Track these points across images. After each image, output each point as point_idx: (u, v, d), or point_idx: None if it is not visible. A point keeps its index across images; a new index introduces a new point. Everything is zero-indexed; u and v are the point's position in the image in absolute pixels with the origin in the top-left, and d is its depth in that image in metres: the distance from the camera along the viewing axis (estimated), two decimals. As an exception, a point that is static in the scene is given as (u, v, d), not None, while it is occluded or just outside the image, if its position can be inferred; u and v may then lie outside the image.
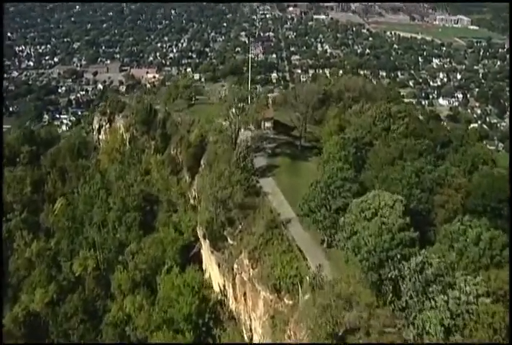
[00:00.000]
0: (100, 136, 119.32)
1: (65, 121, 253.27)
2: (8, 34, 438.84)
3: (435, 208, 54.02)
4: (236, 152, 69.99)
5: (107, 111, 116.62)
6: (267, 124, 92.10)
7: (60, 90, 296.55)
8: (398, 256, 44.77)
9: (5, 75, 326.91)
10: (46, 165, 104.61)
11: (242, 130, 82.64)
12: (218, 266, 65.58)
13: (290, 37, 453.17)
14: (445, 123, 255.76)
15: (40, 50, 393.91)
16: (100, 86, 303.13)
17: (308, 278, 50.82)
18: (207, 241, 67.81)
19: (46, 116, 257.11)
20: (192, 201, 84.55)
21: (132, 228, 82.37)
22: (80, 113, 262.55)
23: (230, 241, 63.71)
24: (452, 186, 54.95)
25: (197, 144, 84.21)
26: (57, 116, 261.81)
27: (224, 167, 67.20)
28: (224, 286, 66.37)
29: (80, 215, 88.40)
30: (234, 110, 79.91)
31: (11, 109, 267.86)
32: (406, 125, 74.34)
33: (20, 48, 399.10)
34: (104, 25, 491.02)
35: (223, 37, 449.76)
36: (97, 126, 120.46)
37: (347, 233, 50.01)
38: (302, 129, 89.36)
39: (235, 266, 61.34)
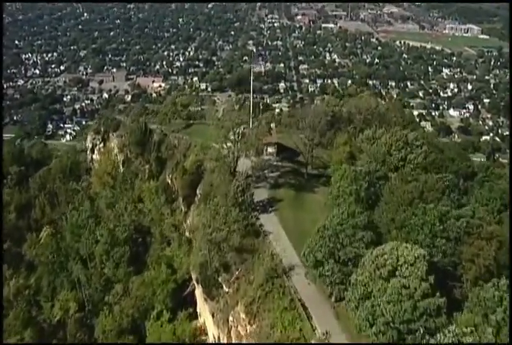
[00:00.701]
0: (94, 156, 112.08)
1: (69, 131, 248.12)
2: (16, 42, 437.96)
3: (463, 261, 46.45)
4: (234, 185, 62.60)
5: (101, 130, 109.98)
6: (270, 150, 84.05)
7: (65, 99, 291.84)
8: (422, 329, 37.21)
9: (10, 84, 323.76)
10: (34, 188, 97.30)
11: (242, 157, 75.46)
12: (212, 316, 58.20)
13: (298, 45, 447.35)
14: (456, 136, 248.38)
15: (47, 58, 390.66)
16: (105, 95, 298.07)
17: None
18: (200, 286, 60.50)
19: (50, 126, 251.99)
20: (187, 233, 77.04)
21: (121, 265, 74.65)
22: (84, 122, 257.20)
23: (225, 289, 56.36)
24: (482, 235, 47.31)
25: (193, 171, 77.03)
26: (62, 125, 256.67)
27: (220, 204, 59.70)
28: (219, 337, 59.00)
29: (65, 247, 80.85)
30: (232, 135, 72.79)
31: (15, 118, 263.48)
32: (425, 155, 66.67)
33: (27, 56, 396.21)
34: (111, 33, 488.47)
35: (230, 46, 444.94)
36: (90, 146, 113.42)
37: (359, 294, 42.57)
38: (308, 155, 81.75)
39: (230, 318, 54.03)
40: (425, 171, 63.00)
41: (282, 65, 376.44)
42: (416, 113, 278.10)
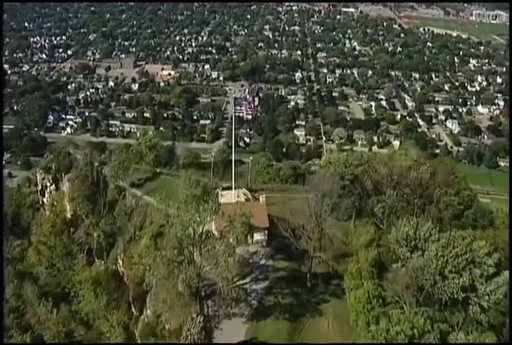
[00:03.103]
0: (44, 199, 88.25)
1: (70, 123, 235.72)
2: (26, 24, 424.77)
3: None
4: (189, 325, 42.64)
5: (52, 168, 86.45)
6: (258, 237, 58.67)
7: (69, 87, 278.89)
8: None
9: (15, 69, 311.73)
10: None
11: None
12: None
13: (316, 31, 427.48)
14: (486, 137, 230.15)
15: (55, 42, 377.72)
16: (111, 83, 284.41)
17: None
18: None
19: (51, 117, 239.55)
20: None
21: None
22: (87, 114, 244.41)
23: None
24: None
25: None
26: (63, 116, 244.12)
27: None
28: None
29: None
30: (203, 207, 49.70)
31: (15, 108, 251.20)
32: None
33: (35, 39, 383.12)
34: (123, 15, 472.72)
35: (245, 31, 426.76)
36: (39, 187, 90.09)
37: None
38: (313, 246, 54.22)
39: None
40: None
41: (299, 52, 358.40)
42: (441, 109, 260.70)
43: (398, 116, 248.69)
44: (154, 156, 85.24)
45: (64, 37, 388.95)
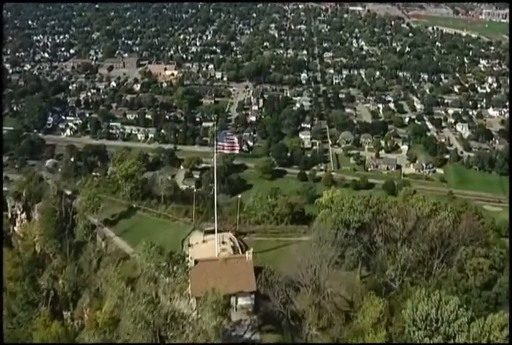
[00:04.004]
0: (15, 228, 78.16)
1: (70, 124, 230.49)
2: (30, 22, 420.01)
3: None
4: None
5: (22, 195, 75.99)
6: (243, 302, 47.27)
7: (70, 87, 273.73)
8: None
9: (17, 68, 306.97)
10: None
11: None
12: None
13: (323, 30, 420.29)
14: (497, 141, 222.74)
15: (57, 40, 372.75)
16: (113, 84, 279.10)
17: None
18: None
19: (51, 118, 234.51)
20: None
21: None
22: (87, 115, 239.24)
23: None
24: None
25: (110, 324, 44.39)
26: (64, 117, 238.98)
27: None
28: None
29: None
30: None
31: (15, 108, 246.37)
32: None
33: (38, 37, 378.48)
34: (128, 13, 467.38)
35: (251, 30, 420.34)
36: (9, 216, 79.59)
37: None
38: (308, 323, 43.69)
39: None
40: None
41: (305, 52, 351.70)
42: (451, 111, 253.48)
43: (407, 119, 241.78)
44: (130, 188, 69.53)
45: (67, 36, 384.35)
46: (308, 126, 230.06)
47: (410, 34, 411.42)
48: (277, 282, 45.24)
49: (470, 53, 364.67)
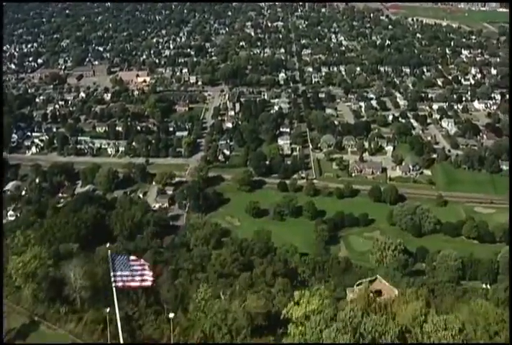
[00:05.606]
0: None
1: (36, 141, 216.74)
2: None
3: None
4: None
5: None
6: None
7: (37, 100, 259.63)
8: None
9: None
10: None
11: None
12: None
13: (300, 26, 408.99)
14: (485, 137, 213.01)
15: (25, 50, 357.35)
16: (82, 94, 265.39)
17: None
18: None
19: (15, 136, 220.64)
20: None
21: None
22: (55, 130, 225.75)
23: None
24: None
25: None
26: (29, 134, 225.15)
27: None
28: None
29: None
30: None
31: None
32: None
33: (4, 48, 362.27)
34: (99, 18, 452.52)
35: (226, 29, 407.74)
36: None
37: None
38: None
39: None
40: None
41: (283, 50, 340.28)
42: (435, 107, 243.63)
43: (390, 117, 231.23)
44: (32, 290, 49.12)
45: (35, 44, 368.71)
46: (288, 130, 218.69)
47: (390, 27, 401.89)
48: None
49: (452, 44, 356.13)
